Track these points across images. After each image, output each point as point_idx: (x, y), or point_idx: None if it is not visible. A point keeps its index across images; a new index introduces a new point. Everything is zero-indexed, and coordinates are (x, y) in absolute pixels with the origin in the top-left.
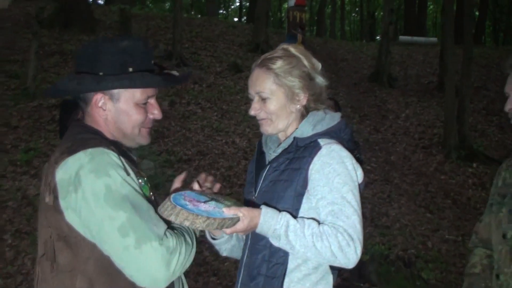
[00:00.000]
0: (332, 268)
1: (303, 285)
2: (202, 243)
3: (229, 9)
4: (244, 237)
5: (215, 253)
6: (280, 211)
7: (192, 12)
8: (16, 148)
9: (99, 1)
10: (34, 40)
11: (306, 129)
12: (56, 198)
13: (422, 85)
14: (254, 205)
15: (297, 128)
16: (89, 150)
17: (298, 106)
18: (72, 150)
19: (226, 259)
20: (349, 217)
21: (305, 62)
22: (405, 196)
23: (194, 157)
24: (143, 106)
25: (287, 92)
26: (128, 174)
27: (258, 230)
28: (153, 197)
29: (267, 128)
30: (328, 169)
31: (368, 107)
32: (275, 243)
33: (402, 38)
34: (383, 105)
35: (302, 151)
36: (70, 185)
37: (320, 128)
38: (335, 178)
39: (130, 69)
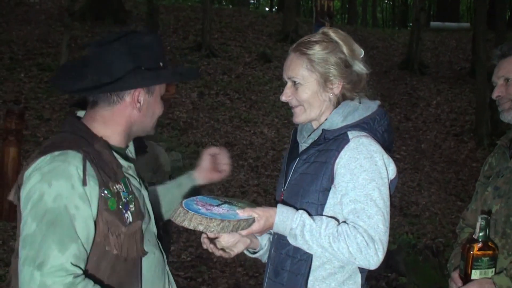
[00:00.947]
0: (361, 267)
1: (328, 284)
2: None
3: None
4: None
5: None
6: (297, 209)
7: (223, 3)
8: (49, 140)
9: None
10: (66, 33)
11: (335, 121)
12: (19, 198)
13: (454, 72)
14: (282, 201)
15: (327, 119)
16: (57, 153)
17: (331, 94)
18: (45, 151)
19: None
20: (371, 217)
21: (344, 49)
22: (435, 185)
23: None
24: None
25: (320, 79)
26: (72, 188)
27: (274, 230)
28: (126, 209)
29: (299, 117)
30: (354, 164)
31: (398, 95)
32: (293, 242)
33: (434, 24)
34: (413, 93)
35: (331, 143)
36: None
37: (351, 120)
38: (361, 174)
39: (161, 64)
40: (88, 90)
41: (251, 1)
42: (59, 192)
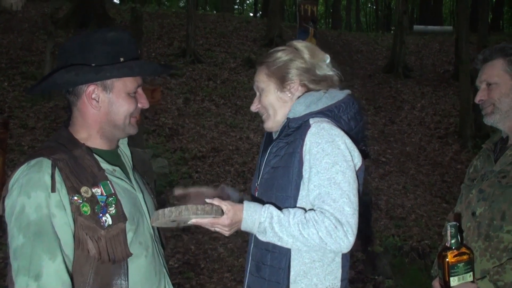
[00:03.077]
0: (343, 261)
1: (310, 279)
2: (216, 240)
3: (244, 4)
4: None
5: (229, 250)
6: (270, 203)
7: (208, 9)
8: (33, 149)
9: (115, 0)
10: (49, 40)
11: (298, 109)
12: (3, 210)
13: (437, 75)
14: (256, 196)
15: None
16: (32, 162)
17: (289, 94)
18: (24, 160)
19: (240, 255)
20: (336, 201)
21: (305, 54)
22: (421, 187)
23: (208, 154)
24: (133, 95)
25: (277, 80)
26: (49, 196)
27: (243, 227)
28: (103, 213)
29: (268, 124)
30: (316, 149)
31: (383, 99)
32: (262, 238)
33: (417, 27)
34: (398, 96)
35: (296, 133)
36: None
37: (315, 108)
38: (323, 159)
39: (122, 59)
40: (41, 88)
41: (235, 6)
42: (38, 203)
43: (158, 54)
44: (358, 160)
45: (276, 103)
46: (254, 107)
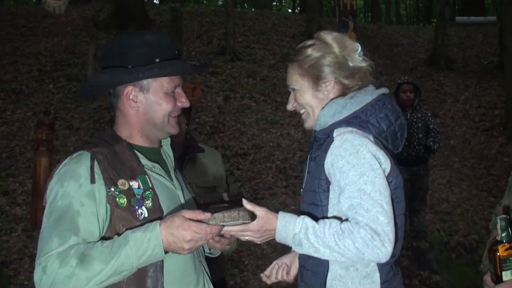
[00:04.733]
0: (381, 264)
1: (344, 283)
2: None
3: (283, 0)
4: None
5: (273, 246)
6: (299, 214)
7: (246, 6)
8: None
9: (155, 0)
10: (91, 43)
11: (323, 120)
12: None
13: (481, 66)
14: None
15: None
16: (74, 155)
17: (326, 92)
18: (69, 154)
19: (284, 251)
20: (368, 211)
21: (334, 48)
22: (466, 181)
23: (249, 151)
24: (172, 95)
25: (312, 80)
26: (80, 187)
27: (277, 238)
28: (139, 205)
29: (306, 122)
30: (341, 162)
31: (425, 92)
32: (299, 250)
33: (459, 19)
34: (441, 89)
35: (322, 144)
36: None
37: (339, 117)
38: (350, 171)
39: (157, 60)
40: (84, 91)
41: (273, 3)
42: (67, 191)
43: (198, 53)
44: (386, 165)
45: (312, 102)
46: (290, 106)
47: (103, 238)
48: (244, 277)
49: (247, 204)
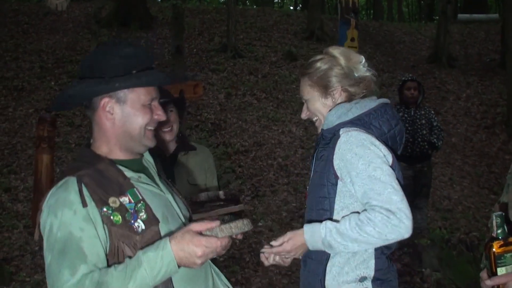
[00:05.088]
0: (377, 252)
1: (341, 267)
2: (261, 233)
3: None
4: None
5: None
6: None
7: (248, 3)
8: (80, 146)
9: None
10: (93, 40)
11: (330, 120)
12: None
13: (483, 64)
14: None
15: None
16: (60, 183)
17: (334, 99)
18: (53, 185)
19: None
20: (381, 194)
21: (341, 60)
22: (467, 178)
23: (251, 148)
24: (149, 107)
25: (321, 90)
26: (75, 213)
27: (310, 248)
28: (135, 219)
29: (320, 128)
30: (350, 155)
31: (427, 89)
32: (331, 251)
33: (461, 16)
34: (442, 86)
35: (328, 142)
36: None
37: (345, 118)
38: (358, 162)
39: (134, 71)
40: (60, 103)
41: (275, 0)
42: (63, 221)
43: (200, 50)
44: (388, 158)
45: (322, 109)
46: (304, 115)
47: (107, 259)
48: (245, 274)
49: (276, 242)
